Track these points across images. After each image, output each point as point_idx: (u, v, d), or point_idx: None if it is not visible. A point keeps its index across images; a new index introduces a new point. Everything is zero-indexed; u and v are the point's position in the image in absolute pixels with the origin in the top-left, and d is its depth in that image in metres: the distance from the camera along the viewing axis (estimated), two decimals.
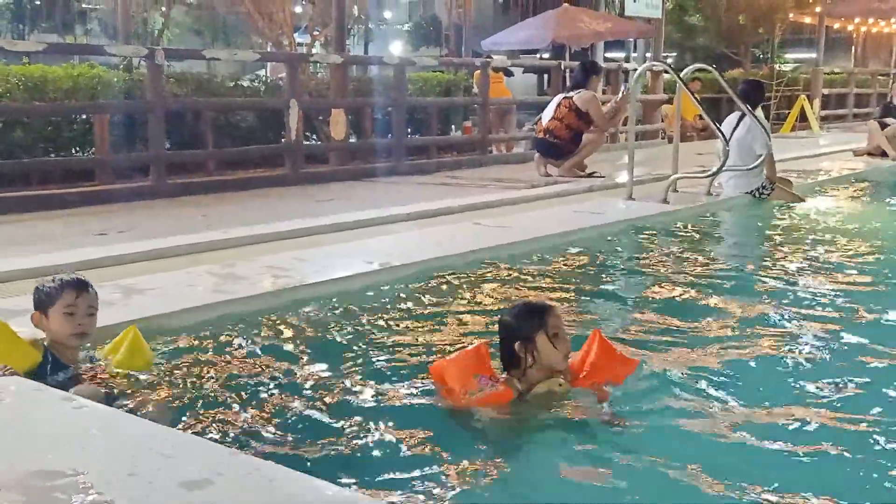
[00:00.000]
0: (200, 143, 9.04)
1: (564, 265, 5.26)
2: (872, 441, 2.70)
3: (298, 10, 19.22)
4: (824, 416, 2.90)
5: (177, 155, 8.57)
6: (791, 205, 7.67)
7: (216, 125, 9.35)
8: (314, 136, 10.55)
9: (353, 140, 10.28)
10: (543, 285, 4.73)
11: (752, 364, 3.39)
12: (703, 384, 3.15)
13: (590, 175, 9.09)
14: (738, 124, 7.75)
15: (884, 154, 11.14)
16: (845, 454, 2.61)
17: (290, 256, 4.90)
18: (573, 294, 4.57)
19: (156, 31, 19.67)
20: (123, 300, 3.87)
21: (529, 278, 4.87)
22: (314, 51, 15.12)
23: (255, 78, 11.27)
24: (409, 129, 10.90)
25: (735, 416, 2.87)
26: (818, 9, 19.85)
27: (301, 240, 5.61)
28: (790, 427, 2.79)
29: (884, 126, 11.40)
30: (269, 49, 14.92)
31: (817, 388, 3.15)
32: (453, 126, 12.73)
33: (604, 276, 5.18)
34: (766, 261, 5.75)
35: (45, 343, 3.01)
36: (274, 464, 2.12)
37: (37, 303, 3.02)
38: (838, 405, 2.99)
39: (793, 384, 3.18)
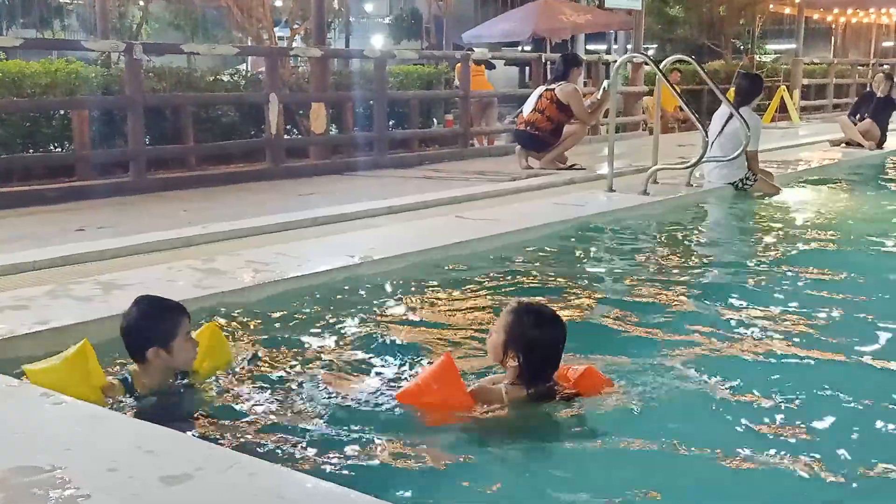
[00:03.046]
0: (181, 138, 8.98)
1: (547, 257, 5.28)
2: (853, 434, 2.73)
3: (278, 3, 19.14)
4: (799, 405, 2.93)
5: (157, 150, 8.52)
6: (770, 196, 7.73)
7: (196, 120, 9.30)
8: (295, 130, 10.51)
9: (333, 134, 10.25)
10: (526, 278, 4.74)
11: (732, 355, 3.42)
12: (684, 374, 3.17)
13: (571, 167, 9.10)
14: (731, 116, 7.76)
15: (860, 145, 11.22)
16: (818, 443, 2.64)
17: (271, 251, 4.89)
18: (555, 286, 4.59)
19: (134, 26, 19.55)
20: (103, 296, 3.85)
21: (512, 271, 4.89)
22: (294, 44, 15.05)
23: (235, 72, 11.19)
24: (391, 123, 10.88)
25: (715, 408, 2.90)
26: None
27: (282, 234, 5.60)
28: (767, 417, 2.82)
29: (856, 121, 11.49)
30: (248, 43, 14.84)
31: (796, 378, 3.18)
32: (434, 119, 12.72)
33: (585, 267, 5.21)
34: (745, 251, 5.80)
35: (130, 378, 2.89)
36: (254, 458, 2.13)
37: (152, 340, 2.84)
38: (815, 396, 3.03)
39: (772, 374, 3.21)
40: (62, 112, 8.44)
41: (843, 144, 11.52)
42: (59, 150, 8.56)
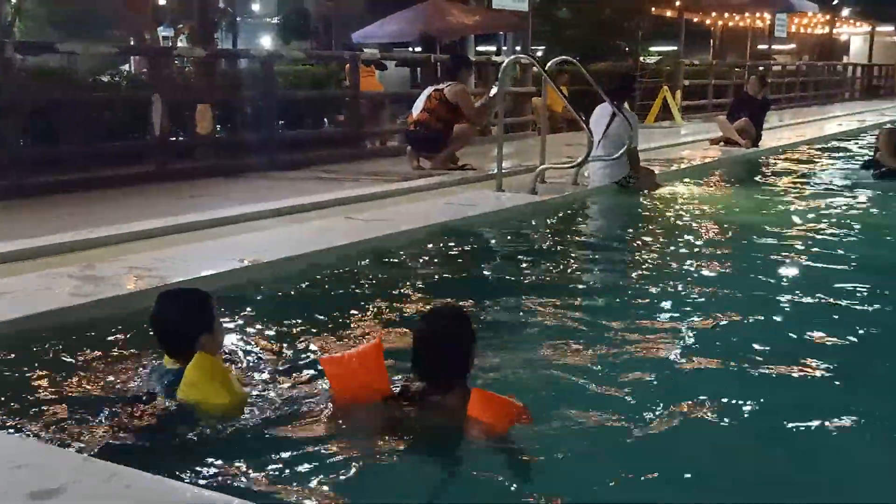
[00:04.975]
0: (61, 140, 8.62)
1: (435, 256, 5.31)
2: (745, 415, 2.87)
3: (162, 1, 18.65)
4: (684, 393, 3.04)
5: (34, 153, 8.17)
6: (653, 192, 7.98)
7: (77, 121, 8.95)
8: (182, 132, 10.24)
9: (222, 135, 10.04)
10: (415, 278, 4.76)
11: (617, 349, 3.52)
12: (573, 374, 3.24)
13: (461, 167, 9.18)
14: (613, 117, 7.97)
15: (737, 143, 11.70)
16: (714, 432, 2.75)
17: (154, 256, 4.77)
18: (445, 285, 4.62)
19: (6, 23, 18.70)
20: None
21: (402, 271, 4.90)
22: (179, 44, 14.71)
23: (116, 73, 10.81)
24: (282, 124, 10.73)
25: (599, 402, 2.98)
26: (678, 2, 20.59)
27: (167, 238, 5.46)
28: (655, 410, 2.92)
29: (732, 120, 11.96)
30: (131, 43, 14.44)
31: (679, 366, 3.30)
32: (326, 121, 12.61)
33: (473, 266, 5.26)
34: (629, 245, 5.99)
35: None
36: (130, 468, 2.07)
37: (201, 328, 2.87)
38: (703, 383, 3.16)
39: (660, 367, 3.32)
40: None
41: (722, 143, 11.98)
42: None
